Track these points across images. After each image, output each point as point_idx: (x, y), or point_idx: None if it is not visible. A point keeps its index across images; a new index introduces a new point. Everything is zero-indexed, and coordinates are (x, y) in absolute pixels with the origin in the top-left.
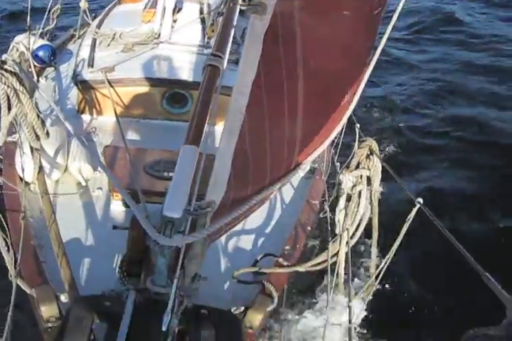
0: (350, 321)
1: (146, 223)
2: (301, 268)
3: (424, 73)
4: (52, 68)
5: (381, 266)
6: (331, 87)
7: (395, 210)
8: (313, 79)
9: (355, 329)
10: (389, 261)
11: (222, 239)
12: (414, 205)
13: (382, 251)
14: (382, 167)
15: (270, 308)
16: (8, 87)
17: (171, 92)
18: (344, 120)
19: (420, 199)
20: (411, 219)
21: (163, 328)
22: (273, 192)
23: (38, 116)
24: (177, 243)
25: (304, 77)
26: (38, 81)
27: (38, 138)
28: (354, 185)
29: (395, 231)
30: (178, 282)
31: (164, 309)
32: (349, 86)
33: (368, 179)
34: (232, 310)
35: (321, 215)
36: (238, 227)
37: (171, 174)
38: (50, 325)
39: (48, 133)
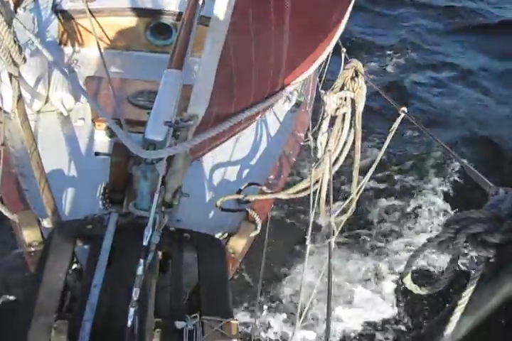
0: (328, 236)
1: (128, 140)
2: (284, 196)
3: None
4: None
5: (363, 182)
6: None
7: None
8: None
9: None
10: (370, 174)
11: (206, 168)
12: (399, 115)
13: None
14: (369, 86)
15: (253, 235)
16: None
17: (154, 23)
18: (334, 39)
19: (404, 108)
20: (395, 129)
21: (144, 243)
22: (258, 112)
23: (15, 41)
24: (159, 155)
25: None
26: (15, 12)
27: (15, 64)
28: (338, 108)
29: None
30: (159, 197)
31: None
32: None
33: (353, 102)
34: (215, 236)
35: (302, 143)
36: (222, 157)
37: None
38: (32, 249)
39: (25, 59)
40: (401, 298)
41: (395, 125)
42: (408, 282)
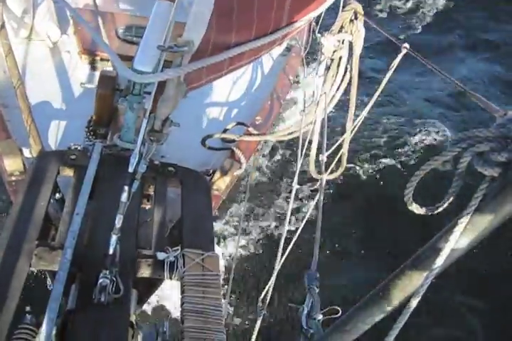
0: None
1: (119, 63)
2: (271, 137)
3: None
4: None
5: (359, 118)
6: None
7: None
8: None
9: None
10: (367, 111)
11: (194, 106)
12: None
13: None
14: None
15: (238, 173)
16: None
17: None
18: None
19: (406, 44)
20: (396, 64)
21: (130, 169)
22: (261, 47)
23: None
24: (150, 79)
25: None
26: None
27: None
28: (335, 50)
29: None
30: (148, 125)
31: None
32: None
33: (351, 45)
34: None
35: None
36: (210, 97)
37: None
38: (13, 178)
39: None
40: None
41: (396, 61)
42: (410, 201)
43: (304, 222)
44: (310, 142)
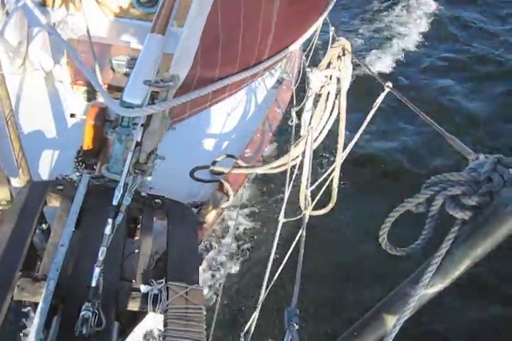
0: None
1: (107, 97)
2: (260, 170)
3: None
4: None
5: (349, 145)
6: None
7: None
8: None
9: None
10: (355, 140)
11: (183, 138)
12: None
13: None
14: (355, 63)
15: (225, 206)
16: None
17: None
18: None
19: (390, 83)
20: (379, 103)
21: (114, 202)
22: (244, 80)
23: None
24: (136, 113)
25: None
26: None
27: None
28: (323, 86)
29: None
30: (133, 158)
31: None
32: None
33: (338, 80)
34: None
35: (289, 123)
36: (200, 129)
37: None
38: (0, 207)
39: (7, 13)
40: (378, 258)
41: (379, 100)
42: (384, 242)
43: (287, 256)
44: (297, 175)
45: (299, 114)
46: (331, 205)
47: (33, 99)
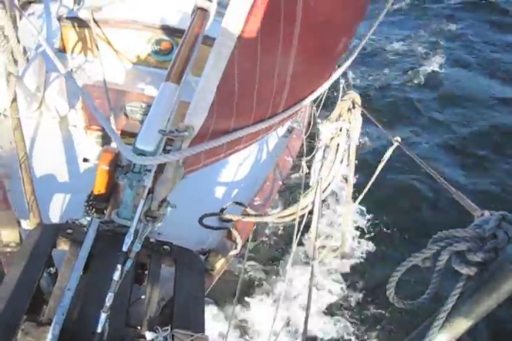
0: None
1: (121, 143)
2: (268, 219)
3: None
4: (37, 4)
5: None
6: (328, 33)
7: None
8: (312, 29)
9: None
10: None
11: (192, 185)
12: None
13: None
14: (365, 115)
15: (233, 253)
16: None
17: (157, 38)
18: (338, 71)
19: (398, 138)
20: (387, 158)
21: (124, 248)
22: (258, 132)
23: (19, 41)
24: (149, 162)
25: (302, 22)
26: (21, 15)
27: (16, 63)
28: (333, 137)
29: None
30: (145, 205)
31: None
32: (345, 35)
33: (348, 132)
34: (194, 251)
35: (299, 174)
36: (209, 176)
37: None
38: (9, 249)
39: (27, 60)
40: (383, 313)
41: (388, 154)
42: (392, 296)
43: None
44: (306, 225)
45: (308, 165)
46: (339, 252)
47: (47, 142)
